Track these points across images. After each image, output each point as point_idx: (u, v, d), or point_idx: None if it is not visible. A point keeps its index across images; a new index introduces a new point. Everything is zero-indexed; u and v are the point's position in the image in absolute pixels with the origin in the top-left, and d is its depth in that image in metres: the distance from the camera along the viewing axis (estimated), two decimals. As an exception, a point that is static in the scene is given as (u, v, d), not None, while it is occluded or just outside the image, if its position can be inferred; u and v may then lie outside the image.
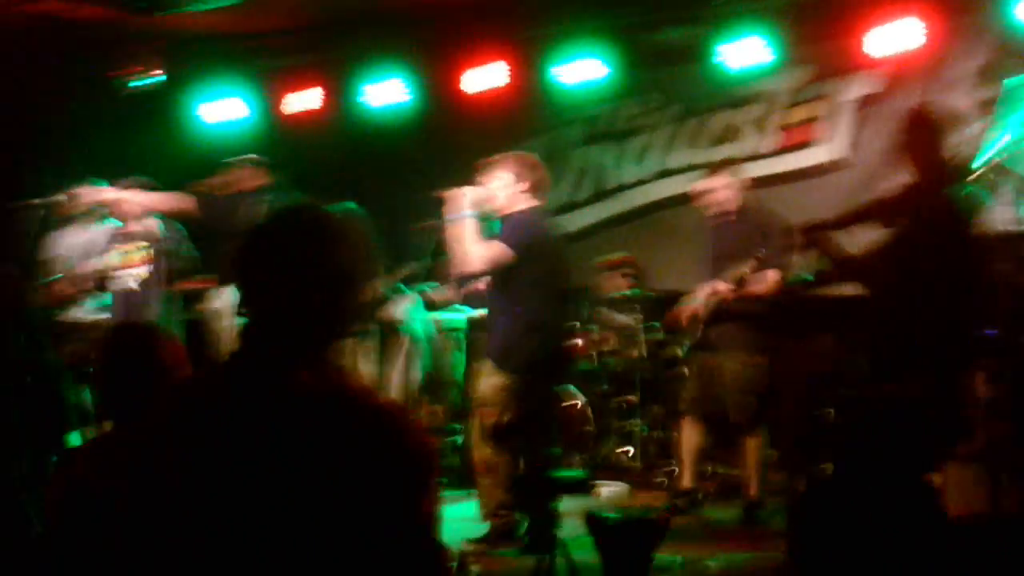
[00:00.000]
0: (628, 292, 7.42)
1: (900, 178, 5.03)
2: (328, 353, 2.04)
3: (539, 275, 5.38)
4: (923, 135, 5.19)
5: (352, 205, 7.14)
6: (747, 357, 6.06)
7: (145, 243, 6.53)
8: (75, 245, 7.32)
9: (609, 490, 6.43)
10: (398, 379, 6.64)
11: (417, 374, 6.61)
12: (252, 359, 2.02)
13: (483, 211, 5.39)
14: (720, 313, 6.06)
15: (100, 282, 6.81)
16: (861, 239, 5.07)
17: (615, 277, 7.59)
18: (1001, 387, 5.42)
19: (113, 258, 6.62)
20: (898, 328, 4.92)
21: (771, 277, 5.95)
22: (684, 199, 7.13)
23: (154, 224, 6.64)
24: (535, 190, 5.46)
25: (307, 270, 2.02)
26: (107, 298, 6.88)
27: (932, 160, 5.09)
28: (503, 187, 5.41)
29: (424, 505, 1.97)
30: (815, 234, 5.08)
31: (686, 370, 6.52)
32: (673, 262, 7.62)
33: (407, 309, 6.61)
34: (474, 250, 5.30)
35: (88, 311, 7.13)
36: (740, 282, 5.90)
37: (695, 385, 6.26)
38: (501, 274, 5.37)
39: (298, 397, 1.97)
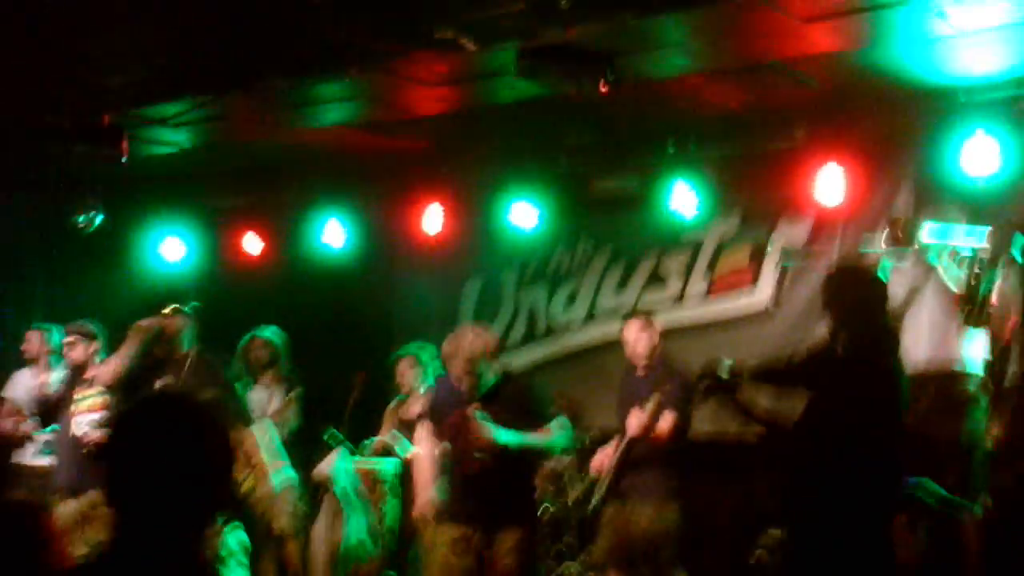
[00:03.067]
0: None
1: (824, 334, 4.94)
2: (196, 542, 2.14)
3: None
4: (858, 296, 4.98)
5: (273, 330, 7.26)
6: (661, 504, 6.14)
7: (103, 389, 6.57)
8: (24, 387, 7.48)
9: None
10: (324, 535, 6.69)
11: (341, 532, 6.65)
12: (121, 555, 2.11)
13: None
14: (630, 461, 6.17)
15: (50, 421, 6.86)
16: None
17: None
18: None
19: (73, 402, 6.67)
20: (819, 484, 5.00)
21: (667, 417, 6.06)
22: (612, 343, 7.25)
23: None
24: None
25: (170, 462, 2.10)
26: (49, 447, 6.95)
27: (868, 324, 4.92)
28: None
29: None
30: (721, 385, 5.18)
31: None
32: (603, 405, 7.72)
33: (334, 465, 6.68)
34: None
35: (33, 455, 7.20)
36: (645, 424, 6.01)
37: (610, 536, 6.30)
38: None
39: None
